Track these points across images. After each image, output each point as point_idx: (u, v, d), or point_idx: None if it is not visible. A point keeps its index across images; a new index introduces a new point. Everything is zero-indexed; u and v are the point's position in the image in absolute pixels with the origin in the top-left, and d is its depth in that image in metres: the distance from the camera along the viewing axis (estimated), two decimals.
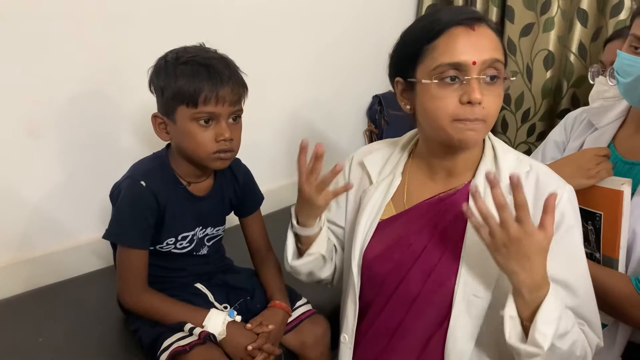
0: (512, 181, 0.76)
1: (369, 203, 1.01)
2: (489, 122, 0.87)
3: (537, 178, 0.92)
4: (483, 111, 0.85)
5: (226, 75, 0.98)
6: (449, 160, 0.95)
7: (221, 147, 1.01)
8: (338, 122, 2.16)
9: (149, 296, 1.05)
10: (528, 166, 0.94)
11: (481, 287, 0.90)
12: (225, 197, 1.16)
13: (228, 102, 0.99)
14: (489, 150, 0.97)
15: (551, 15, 1.98)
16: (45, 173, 1.34)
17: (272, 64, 1.78)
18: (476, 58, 0.83)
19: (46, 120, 1.31)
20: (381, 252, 0.98)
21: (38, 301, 1.26)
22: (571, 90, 2.03)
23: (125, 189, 1.03)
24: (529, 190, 0.90)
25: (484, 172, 0.92)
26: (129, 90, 1.41)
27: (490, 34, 0.87)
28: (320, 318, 1.16)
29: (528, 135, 2.15)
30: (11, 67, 1.22)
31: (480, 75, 0.84)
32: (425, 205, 0.97)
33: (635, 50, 1.06)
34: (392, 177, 1.02)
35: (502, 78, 0.87)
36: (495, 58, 0.85)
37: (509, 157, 0.96)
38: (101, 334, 1.13)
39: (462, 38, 0.85)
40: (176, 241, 1.09)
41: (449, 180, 0.97)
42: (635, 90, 1.06)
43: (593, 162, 1.11)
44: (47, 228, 1.37)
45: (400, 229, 0.98)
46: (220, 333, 1.01)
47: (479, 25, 0.85)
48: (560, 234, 0.88)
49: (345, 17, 2.02)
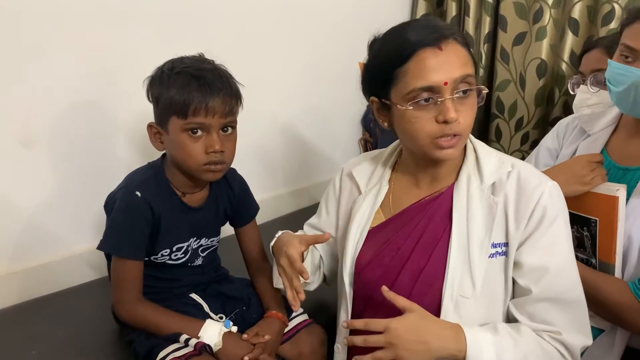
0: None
1: (358, 212, 1.04)
2: (466, 134, 0.91)
3: (519, 176, 0.94)
4: (459, 126, 0.88)
5: (217, 87, 0.98)
6: (432, 169, 0.99)
7: (211, 159, 1.00)
8: (333, 130, 2.17)
9: (144, 307, 1.04)
10: (510, 166, 0.96)
11: (468, 287, 0.91)
12: (220, 208, 1.16)
13: (219, 114, 0.99)
14: (471, 153, 0.99)
15: (543, 24, 2.00)
16: (39, 183, 1.34)
17: (266, 73, 1.78)
18: (447, 78, 0.86)
19: (40, 130, 1.30)
20: (371, 259, 1.01)
21: (32, 313, 1.25)
22: (563, 98, 2.05)
23: (120, 199, 1.02)
24: (510, 188, 0.93)
25: (466, 175, 0.97)
26: (123, 100, 1.41)
27: (458, 49, 0.88)
28: (317, 328, 1.16)
29: (522, 144, 2.16)
30: (5, 77, 1.22)
31: (453, 95, 0.87)
32: (411, 210, 1.00)
33: (626, 59, 1.07)
34: (379, 186, 1.05)
35: (474, 90, 0.90)
36: (465, 74, 0.87)
37: (490, 159, 0.98)
38: (96, 346, 1.12)
39: (431, 60, 0.86)
40: (171, 252, 1.09)
41: (433, 184, 1.00)
42: (628, 99, 1.08)
43: (587, 168, 1.12)
44: (41, 239, 1.36)
45: (389, 235, 1.01)
46: (216, 344, 1.00)
47: (446, 43, 0.87)
48: (541, 230, 0.91)
49: (339, 26, 2.03)
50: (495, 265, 0.92)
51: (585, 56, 1.56)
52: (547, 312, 0.90)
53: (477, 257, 0.91)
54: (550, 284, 0.90)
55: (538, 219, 0.90)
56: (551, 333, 0.90)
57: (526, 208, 0.91)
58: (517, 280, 0.92)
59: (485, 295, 0.91)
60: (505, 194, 0.93)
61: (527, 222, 0.91)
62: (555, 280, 0.90)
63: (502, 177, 0.95)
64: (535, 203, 0.90)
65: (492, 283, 0.92)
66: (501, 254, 0.93)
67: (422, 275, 0.95)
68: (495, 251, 0.92)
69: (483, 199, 0.94)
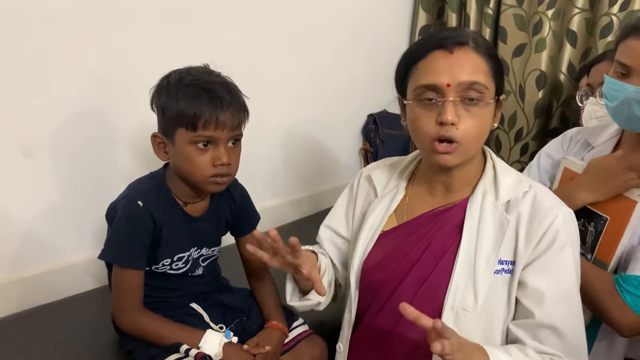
0: (436, 326, 0.75)
1: (372, 215, 1.05)
2: (467, 145, 0.89)
3: (535, 196, 0.94)
4: (457, 132, 0.87)
5: (227, 101, 0.98)
6: (445, 176, 0.98)
7: (218, 172, 1.01)
8: (333, 141, 2.18)
9: (144, 317, 1.04)
10: (527, 186, 0.95)
11: (470, 301, 0.91)
12: (222, 218, 1.16)
13: (228, 128, 0.99)
14: (490, 169, 0.99)
15: (543, 36, 2.02)
16: (39, 192, 1.34)
17: (268, 83, 1.79)
18: (451, 80, 0.87)
19: (40, 139, 1.30)
20: (378, 262, 1.01)
21: (31, 322, 1.24)
22: (560, 109, 2.07)
23: (122, 209, 1.03)
24: (525, 208, 0.93)
25: (482, 190, 0.97)
26: (125, 109, 1.41)
27: (472, 57, 0.88)
28: (318, 339, 1.15)
29: (521, 154, 2.17)
30: (5, 86, 1.22)
31: (455, 98, 0.87)
32: (423, 218, 1.00)
33: (621, 75, 1.09)
34: (396, 191, 1.06)
35: (485, 101, 0.89)
36: (472, 81, 0.87)
37: (508, 177, 0.97)
38: (95, 355, 1.11)
39: (440, 61, 0.88)
40: (172, 262, 1.09)
41: (448, 195, 1.00)
42: (622, 114, 1.10)
43: (619, 169, 1.10)
44: (41, 247, 1.36)
45: (398, 240, 1.01)
46: (216, 354, 1.00)
47: (459, 48, 0.88)
48: (551, 253, 0.90)
49: (340, 37, 2.04)
50: (499, 282, 0.92)
51: (594, 68, 1.57)
52: (547, 338, 0.90)
53: (482, 272, 0.91)
54: (553, 310, 0.89)
55: (549, 242, 0.90)
56: (553, 356, 0.90)
57: (538, 229, 0.90)
58: (520, 299, 0.92)
59: (485, 310, 0.91)
60: (518, 212, 0.93)
61: (537, 242, 0.90)
62: (559, 308, 0.90)
63: (518, 195, 0.94)
64: (548, 225, 0.90)
65: (494, 299, 0.92)
66: (507, 271, 0.92)
67: (426, 283, 0.95)
68: (501, 268, 0.92)
69: (496, 215, 0.94)
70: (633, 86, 1.05)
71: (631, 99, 1.05)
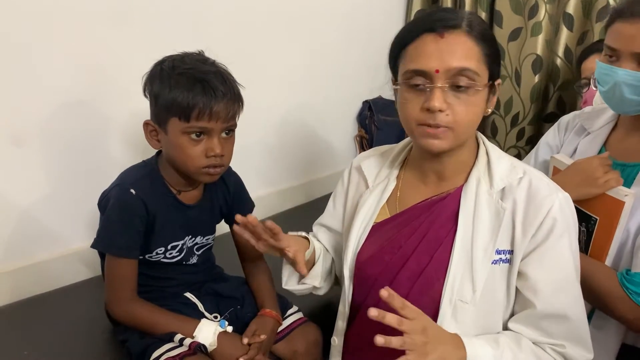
0: (381, 295, 0.75)
1: (363, 206, 1.03)
2: (458, 130, 0.87)
3: (530, 184, 0.92)
4: (447, 118, 0.85)
5: (221, 91, 0.96)
6: (437, 163, 0.96)
7: (211, 163, 1.00)
8: (328, 127, 2.16)
9: (138, 306, 1.03)
10: (521, 172, 0.93)
11: (468, 292, 0.90)
12: (216, 206, 1.15)
13: (222, 119, 0.97)
14: (483, 156, 0.97)
15: (539, 19, 2.00)
16: (32, 181, 1.32)
17: (262, 70, 1.77)
18: (440, 66, 0.84)
19: (32, 128, 1.29)
20: (372, 255, 0.99)
21: (24, 312, 1.24)
22: (557, 93, 2.05)
23: (114, 197, 1.01)
24: (520, 195, 0.91)
25: (476, 177, 0.94)
26: (116, 98, 1.39)
27: (464, 41, 0.85)
28: (312, 326, 1.15)
29: (517, 140, 2.16)
30: None
31: (444, 84, 0.84)
32: (416, 209, 0.98)
33: (610, 59, 1.09)
34: (387, 181, 1.03)
35: (476, 88, 0.86)
36: (462, 67, 0.84)
37: (502, 163, 0.95)
38: (89, 345, 1.11)
39: (429, 45, 0.85)
40: (166, 250, 1.08)
41: (441, 184, 0.98)
42: (614, 97, 1.10)
43: (600, 170, 1.11)
44: (33, 237, 1.35)
45: (392, 232, 0.99)
46: (211, 344, 0.99)
47: (450, 32, 0.85)
48: (550, 243, 0.88)
49: (334, 23, 2.02)
50: (497, 272, 0.90)
51: (584, 64, 1.60)
52: (550, 326, 0.89)
53: (479, 262, 0.89)
54: (555, 299, 0.88)
55: (547, 231, 0.88)
56: (554, 346, 0.89)
57: (535, 217, 0.88)
58: (521, 290, 0.90)
59: (484, 302, 0.90)
60: (514, 200, 0.91)
61: (535, 231, 0.88)
62: (560, 296, 0.89)
63: (513, 182, 0.92)
64: (545, 213, 0.88)
65: (493, 290, 0.90)
66: (505, 261, 0.91)
67: (422, 276, 0.93)
68: (499, 258, 0.90)
69: (491, 204, 0.92)
70: (622, 69, 1.05)
71: (621, 82, 1.06)
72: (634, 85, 1.05)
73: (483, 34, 0.87)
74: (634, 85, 1.05)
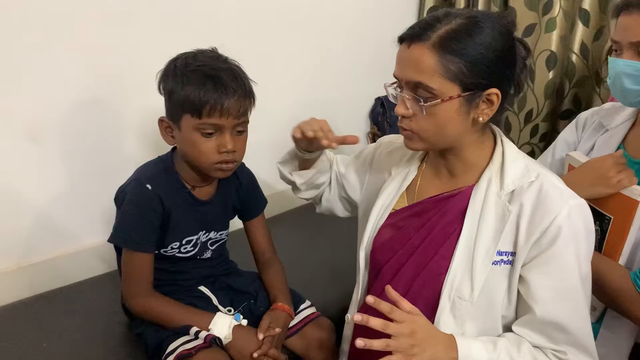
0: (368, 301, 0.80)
1: (383, 193, 1.06)
2: (424, 136, 0.90)
3: (540, 188, 0.90)
4: (411, 124, 0.90)
5: (232, 88, 0.97)
6: (443, 159, 0.99)
7: (223, 158, 1.00)
8: (341, 124, 2.14)
9: (154, 300, 1.05)
10: (534, 176, 0.91)
11: (466, 289, 0.90)
12: (229, 202, 1.16)
13: (233, 115, 0.98)
14: (498, 156, 0.95)
15: (553, 15, 1.98)
16: (48, 178, 1.35)
17: (274, 66, 1.78)
18: (400, 76, 0.89)
19: (49, 125, 1.31)
20: (384, 243, 1.02)
21: (42, 306, 1.26)
22: (573, 90, 2.03)
23: (131, 192, 1.03)
24: (528, 199, 0.89)
25: (487, 178, 0.94)
26: (131, 95, 1.41)
27: (424, 54, 0.84)
28: (325, 321, 1.16)
29: (531, 136, 2.14)
30: (13, 72, 1.22)
31: (406, 93, 0.88)
32: (429, 202, 1.00)
33: (615, 53, 1.10)
34: (408, 171, 1.06)
35: (434, 102, 0.85)
36: (416, 81, 0.85)
37: (516, 165, 0.93)
38: (105, 339, 1.13)
39: (400, 53, 0.89)
40: (180, 245, 1.09)
41: (453, 180, 0.99)
42: (617, 89, 1.11)
43: (614, 170, 1.09)
44: (50, 233, 1.38)
45: (405, 222, 1.01)
46: (226, 337, 1.00)
47: (416, 44, 0.85)
48: (553, 251, 0.87)
49: (347, 20, 2.02)
50: (498, 273, 0.90)
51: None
52: (552, 333, 0.88)
53: (480, 262, 0.90)
54: (554, 307, 0.87)
55: (551, 238, 0.86)
56: (556, 352, 0.88)
57: (540, 223, 0.86)
58: (522, 295, 0.90)
59: (483, 301, 0.90)
60: (521, 203, 0.89)
61: (539, 237, 0.87)
62: (560, 305, 0.87)
63: (523, 185, 0.91)
64: (550, 221, 0.86)
65: (493, 290, 0.90)
66: (506, 262, 0.90)
67: (426, 269, 0.95)
68: (500, 259, 0.90)
69: (498, 205, 0.91)
70: (622, 60, 1.07)
71: (621, 73, 1.07)
72: (633, 75, 1.05)
73: (453, 48, 0.83)
74: (634, 75, 1.05)
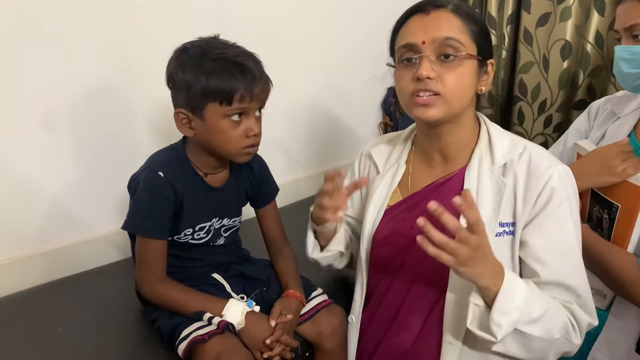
0: (464, 197, 0.79)
1: (376, 191, 1.08)
2: (449, 98, 0.91)
3: (530, 158, 0.95)
4: (437, 85, 0.90)
5: (258, 72, 1.00)
6: (437, 142, 1.00)
7: (250, 142, 1.03)
8: (353, 115, 2.16)
9: (168, 286, 1.06)
10: (522, 148, 0.97)
11: None
12: (241, 188, 1.17)
13: (260, 99, 1.01)
14: (484, 135, 1.01)
15: (568, 4, 1.95)
16: (63, 167, 1.36)
17: (286, 56, 1.77)
18: (425, 37, 0.90)
19: (62, 114, 1.32)
20: (385, 237, 1.04)
21: (58, 292, 1.28)
22: (587, 80, 2.01)
23: (144, 180, 1.03)
24: (520, 170, 0.94)
25: (478, 156, 0.98)
26: (143, 86, 1.41)
27: (447, 16, 0.91)
28: (337, 308, 1.16)
29: (545, 127, 2.12)
30: (28, 63, 1.23)
31: (431, 54, 0.89)
32: (425, 191, 1.02)
33: (618, 42, 1.12)
34: (397, 166, 1.08)
35: (461, 57, 0.90)
36: (446, 36, 0.89)
37: (503, 141, 0.99)
38: (120, 324, 1.14)
39: (416, 22, 0.93)
40: (194, 232, 1.10)
41: (446, 165, 1.02)
42: (617, 74, 1.12)
43: (619, 159, 1.10)
44: (65, 221, 1.39)
45: (403, 215, 1.03)
46: (239, 323, 1.01)
47: (435, 10, 0.92)
48: (548, 211, 0.91)
49: (360, 9, 2.01)
50: (502, 244, 0.93)
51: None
52: (553, 292, 0.91)
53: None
54: (556, 266, 0.91)
55: (545, 200, 0.91)
56: (563, 301, 0.92)
57: (535, 189, 0.92)
58: (524, 259, 0.93)
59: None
60: (515, 174, 0.94)
61: (534, 202, 0.92)
62: (561, 263, 0.91)
63: (514, 158, 0.96)
64: (544, 184, 0.91)
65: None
66: (508, 233, 0.94)
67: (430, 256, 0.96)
68: (502, 230, 0.94)
69: (493, 180, 0.96)
70: (620, 45, 1.09)
71: (619, 58, 1.09)
72: (629, 59, 1.07)
73: (469, 13, 0.93)
74: (629, 59, 1.07)
